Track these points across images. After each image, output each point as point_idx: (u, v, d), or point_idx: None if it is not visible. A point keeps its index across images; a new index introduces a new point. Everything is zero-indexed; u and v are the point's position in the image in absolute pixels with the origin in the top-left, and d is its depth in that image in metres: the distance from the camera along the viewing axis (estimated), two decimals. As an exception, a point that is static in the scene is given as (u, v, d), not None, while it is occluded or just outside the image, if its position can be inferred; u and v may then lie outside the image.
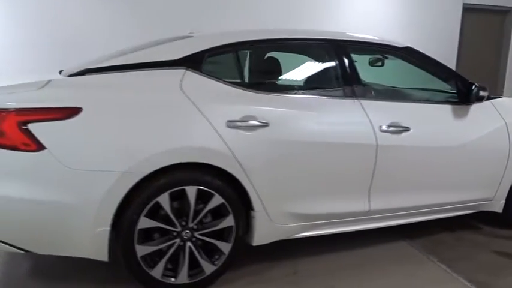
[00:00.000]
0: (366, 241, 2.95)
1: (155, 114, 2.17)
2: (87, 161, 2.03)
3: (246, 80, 2.55)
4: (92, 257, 2.13)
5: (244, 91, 2.40)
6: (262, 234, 2.45)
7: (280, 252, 2.73)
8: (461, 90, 2.98)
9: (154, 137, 2.14)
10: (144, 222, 2.15)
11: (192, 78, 2.32)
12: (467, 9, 6.91)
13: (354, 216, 2.70)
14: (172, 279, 2.26)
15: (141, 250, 2.18)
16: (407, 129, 2.71)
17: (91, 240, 2.09)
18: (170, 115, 2.20)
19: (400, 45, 2.95)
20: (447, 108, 2.94)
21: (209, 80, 2.36)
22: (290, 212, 2.48)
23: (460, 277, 2.57)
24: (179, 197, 2.22)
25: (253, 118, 2.32)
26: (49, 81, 2.13)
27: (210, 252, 2.34)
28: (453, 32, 6.87)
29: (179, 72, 2.31)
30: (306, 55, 2.89)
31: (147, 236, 2.20)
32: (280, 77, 2.71)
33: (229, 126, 2.27)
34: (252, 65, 2.80)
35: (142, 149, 2.10)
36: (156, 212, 2.18)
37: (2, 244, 2.05)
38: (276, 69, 2.69)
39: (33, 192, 1.99)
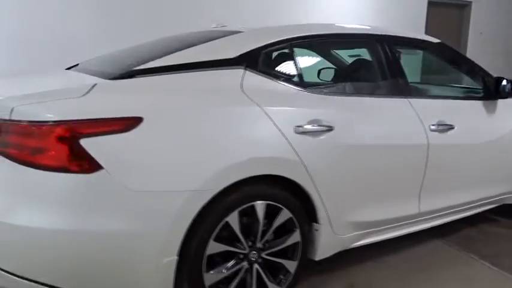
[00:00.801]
0: (405, 244, 2.85)
1: (222, 122, 1.88)
2: (151, 180, 1.70)
3: (305, 80, 2.30)
4: (156, 294, 1.81)
5: (306, 92, 2.18)
6: (325, 247, 2.25)
7: (332, 263, 2.55)
8: (490, 85, 2.96)
9: (224, 148, 1.85)
10: (213, 247, 1.87)
11: (253, 79, 2.04)
12: (431, 3, 7.13)
13: (406, 220, 2.58)
14: (240, 308, 2.00)
15: (209, 279, 1.89)
16: (452, 127, 2.63)
17: (156, 274, 1.76)
18: (238, 122, 1.92)
19: (435, 41, 2.86)
20: (479, 104, 2.91)
21: (269, 80, 2.10)
22: (351, 221, 2.31)
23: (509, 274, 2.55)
24: (245, 215, 1.95)
25: (319, 122, 2.11)
26: (94, 85, 1.76)
27: (276, 272, 2.10)
28: (419, 24, 7.07)
29: (238, 72, 2.03)
30: (362, 52, 2.70)
31: (213, 262, 1.92)
32: (340, 77, 2.50)
33: (297, 132, 2.03)
34: (312, 63, 2.56)
35: (212, 163, 1.80)
36: (223, 235, 1.90)
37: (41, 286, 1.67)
38: (338, 68, 2.48)
39: (89, 223, 1.63)
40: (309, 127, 2.07)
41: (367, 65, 2.57)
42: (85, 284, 1.72)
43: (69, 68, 2.72)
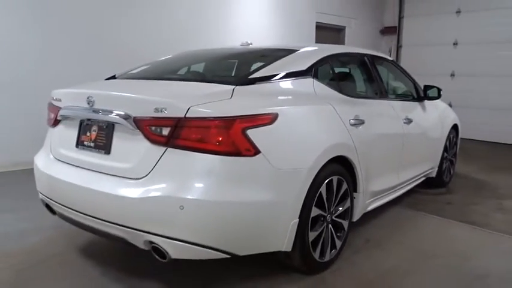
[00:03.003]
0: (379, 211, 3.77)
1: (318, 117, 2.53)
2: (287, 161, 2.24)
3: (344, 86, 3.05)
4: (282, 249, 2.32)
5: (343, 96, 2.92)
6: (358, 211, 3.01)
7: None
8: (420, 91, 4.12)
9: (322, 136, 2.49)
10: (314, 211, 2.47)
11: (318, 85, 2.71)
12: (318, 27, 8.52)
13: (392, 189, 3.50)
14: (324, 258, 2.63)
15: (311, 236, 2.48)
16: (411, 120, 3.67)
17: (286, 234, 2.29)
18: (325, 117, 2.57)
19: (390, 59, 3.91)
20: (418, 104, 4.04)
21: (324, 86, 2.78)
22: (371, 190, 3.12)
23: (452, 220, 3.68)
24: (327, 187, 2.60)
25: (358, 117, 2.88)
26: (233, 89, 2.22)
27: (337, 230, 2.78)
28: (311, 41, 8.37)
29: (309, 81, 2.67)
30: (369, 68, 3.52)
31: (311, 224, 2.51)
32: (361, 85, 3.29)
33: (351, 124, 2.77)
34: (345, 73, 3.29)
35: (317, 148, 2.42)
36: (317, 202, 2.51)
37: (210, 250, 2.07)
38: (359, 78, 3.27)
39: (249, 195, 2.10)
40: (354, 121, 2.82)
41: (369, 76, 3.45)
42: (236, 246, 2.15)
43: (108, 79, 2.98)
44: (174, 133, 2.03)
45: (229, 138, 2.02)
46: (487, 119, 8.05)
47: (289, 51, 2.84)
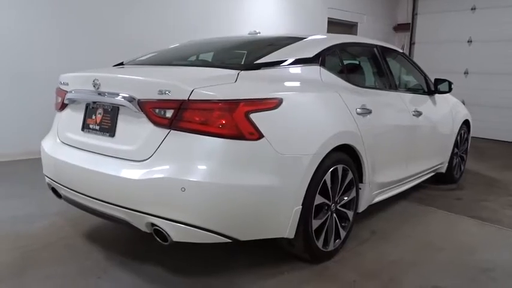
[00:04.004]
0: (387, 204, 3.74)
1: (324, 104, 2.51)
2: (291, 147, 2.23)
3: (351, 75, 3.03)
4: (284, 236, 2.31)
5: (351, 85, 2.89)
6: (364, 202, 2.98)
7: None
8: (431, 84, 4.06)
9: (327, 123, 2.47)
10: (318, 199, 2.45)
11: (325, 73, 2.69)
12: (330, 22, 8.47)
13: (400, 182, 3.47)
14: (327, 248, 2.61)
15: (315, 224, 2.47)
16: (421, 113, 3.62)
17: (288, 220, 2.28)
18: (331, 104, 2.55)
19: (400, 50, 3.87)
20: (428, 97, 3.99)
21: (331, 74, 2.76)
22: (377, 182, 3.08)
23: (461, 215, 3.62)
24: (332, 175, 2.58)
25: (365, 106, 2.85)
26: (238, 74, 2.21)
27: (341, 220, 2.76)
28: (322, 37, 8.34)
29: (316, 68, 2.65)
30: (378, 59, 3.49)
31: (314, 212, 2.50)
32: (368, 75, 3.27)
33: (357, 113, 2.74)
34: (353, 62, 3.27)
35: (322, 134, 2.40)
36: (321, 190, 2.49)
37: (212, 234, 2.06)
38: (366, 67, 3.24)
39: (251, 179, 2.09)
40: (361, 110, 2.79)
41: (378, 67, 3.41)
42: (238, 230, 2.14)
43: (116, 65, 3.00)
44: (178, 115, 2.03)
45: (233, 121, 2.01)
46: (500, 118, 7.92)
47: (297, 39, 2.82)
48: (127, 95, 2.17)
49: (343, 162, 2.63)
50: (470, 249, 2.93)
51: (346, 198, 2.73)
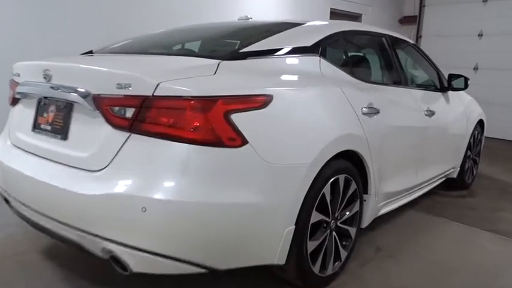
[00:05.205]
0: (392, 215, 3.32)
1: (324, 101, 2.09)
2: (282, 155, 1.82)
3: (356, 69, 2.60)
4: (273, 263, 1.91)
5: (356, 80, 2.47)
6: (368, 216, 2.57)
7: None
8: (444, 80, 3.64)
9: (327, 125, 2.06)
10: (315, 217, 2.05)
11: (325, 65, 2.27)
12: (333, 13, 8.01)
13: (408, 190, 3.05)
14: (325, 272, 2.21)
15: (311, 246, 2.07)
16: (434, 112, 3.20)
17: (278, 244, 1.87)
18: (333, 102, 2.14)
19: (412, 42, 3.43)
20: (441, 94, 3.56)
21: (333, 66, 2.34)
22: (384, 192, 2.67)
23: (476, 228, 3.22)
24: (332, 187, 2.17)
25: (372, 105, 2.43)
26: (218, 64, 1.80)
27: (342, 238, 2.36)
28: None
29: (315, 59, 2.23)
30: (387, 50, 3.06)
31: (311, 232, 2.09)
32: (375, 69, 2.84)
33: (363, 113, 2.33)
34: (356, 53, 2.85)
35: (321, 138, 1.99)
36: (319, 206, 2.08)
37: (183, 264, 1.66)
38: (375, 60, 2.82)
39: (232, 196, 1.68)
40: (367, 109, 2.38)
41: (387, 59, 2.98)
42: (217, 258, 1.73)
43: (84, 54, 2.58)
44: (140, 115, 1.62)
45: (209, 123, 1.61)
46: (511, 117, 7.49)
47: (293, 25, 2.40)
48: (81, 90, 1.76)
49: (345, 172, 2.22)
50: (490, 271, 2.53)
51: (348, 213, 2.33)
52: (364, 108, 2.33)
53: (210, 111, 1.61)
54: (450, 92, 3.69)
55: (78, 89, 1.76)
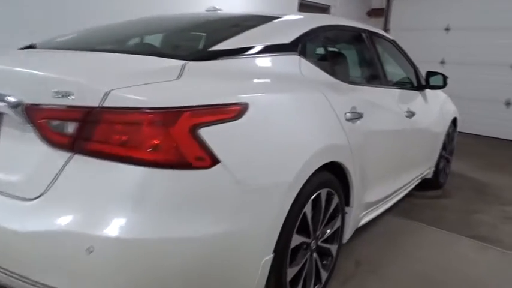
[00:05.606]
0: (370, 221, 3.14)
1: (306, 108, 1.82)
2: (261, 173, 1.54)
3: (338, 69, 2.33)
4: (249, 297, 1.64)
5: (338, 81, 2.22)
6: (349, 230, 2.36)
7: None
8: (421, 78, 3.46)
9: (309, 135, 1.79)
10: (295, 240, 1.79)
11: (306, 66, 2.00)
12: (302, 5, 7.79)
13: (386, 198, 2.85)
14: (305, 299, 1.97)
15: (290, 273, 1.81)
16: (414, 113, 3.01)
17: (255, 275, 1.60)
18: (315, 109, 1.88)
19: (391, 37, 3.22)
20: (419, 93, 3.38)
21: (314, 67, 2.08)
22: (364, 202, 2.46)
23: (455, 234, 3.08)
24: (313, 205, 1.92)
25: (356, 109, 2.19)
26: (183, 66, 1.49)
27: (322, 258, 2.13)
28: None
29: (295, 58, 1.96)
30: (368, 47, 2.81)
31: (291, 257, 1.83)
32: (357, 68, 2.59)
33: (347, 119, 2.08)
34: (339, 52, 2.57)
35: (305, 151, 1.73)
36: (300, 226, 1.83)
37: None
38: (356, 59, 2.56)
39: (202, 227, 1.39)
40: (350, 114, 2.13)
41: (369, 57, 2.74)
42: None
43: (23, 48, 2.20)
44: (84, 131, 1.30)
45: (171, 140, 1.31)
46: (478, 111, 7.52)
47: (268, 19, 2.10)
48: (10, 98, 1.41)
49: (327, 185, 1.97)
50: (477, 284, 2.38)
51: (329, 230, 2.09)
52: (347, 114, 2.09)
53: (173, 126, 1.30)
54: (427, 90, 3.52)
55: (7, 97, 1.41)
